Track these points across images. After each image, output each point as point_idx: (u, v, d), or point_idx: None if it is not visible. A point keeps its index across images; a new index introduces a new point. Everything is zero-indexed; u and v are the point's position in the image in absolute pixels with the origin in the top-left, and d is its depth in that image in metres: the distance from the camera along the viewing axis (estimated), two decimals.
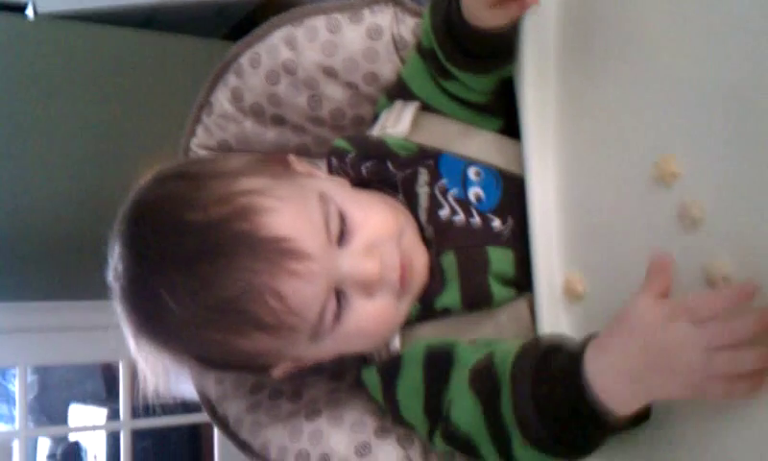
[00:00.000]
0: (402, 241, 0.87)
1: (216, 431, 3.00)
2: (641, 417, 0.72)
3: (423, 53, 0.92)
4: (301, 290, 0.79)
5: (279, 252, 0.78)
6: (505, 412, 0.75)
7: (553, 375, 0.73)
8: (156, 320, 0.83)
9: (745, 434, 0.67)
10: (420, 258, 0.88)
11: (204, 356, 0.86)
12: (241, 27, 3.10)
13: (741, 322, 0.64)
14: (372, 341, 0.89)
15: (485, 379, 0.78)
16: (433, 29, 0.88)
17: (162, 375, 0.87)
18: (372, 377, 0.91)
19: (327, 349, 0.87)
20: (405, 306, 0.88)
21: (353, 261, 0.83)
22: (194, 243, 0.79)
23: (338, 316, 0.83)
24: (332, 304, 0.83)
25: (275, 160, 0.91)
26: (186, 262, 0.79)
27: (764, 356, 0.64)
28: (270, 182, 0.84)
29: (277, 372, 0.91)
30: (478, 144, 0.93)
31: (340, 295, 0.84)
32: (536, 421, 0.72)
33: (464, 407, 0.80)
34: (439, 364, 0.85)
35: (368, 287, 0.84)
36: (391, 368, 0.89)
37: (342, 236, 0.84)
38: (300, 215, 0.82)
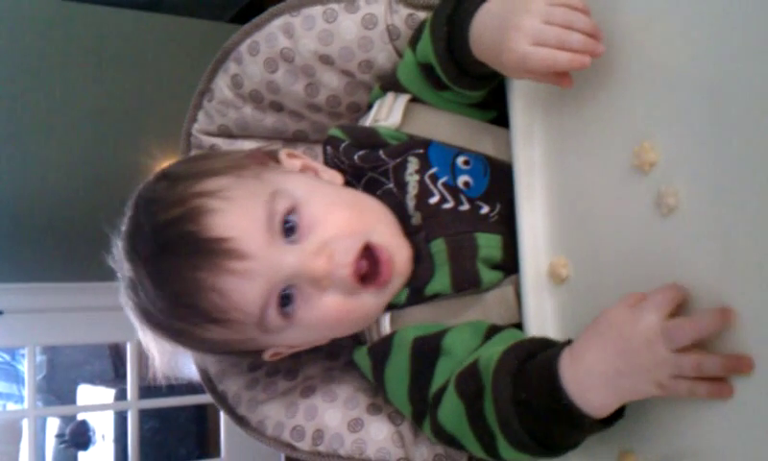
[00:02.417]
0: (374, 237, 0.89)
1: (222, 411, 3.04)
2: (616, 415, 0.75)
3: (421, 65, 0.93)
4: (240, 288, 0.84)
5: (220, 252, 0.84)
6: (488, 415, 0.79)
7: (531, 382, 0.76)
8: (142, 310, 0.90)
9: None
10: (401, 253, 0.91)
11: (185, 343, 0.93)
12: (248, 10, 3.12)
13: (705, 318, 0.68)
14: (338, 331, 0.94)
15: (470, 383, 0.81)
16: (435, 54, 0.89)
17: (164, 355, 0.94)
18: (363, 358, 0.95)
19: (295, 338, 0.92)
20: (382, 300, 0.91)
21: (300, 257, 0.86)
22: (156, 241, 0.86)
23: (291, 310, 0.87)
24: (274, 301, 0.86)
25: (259, 157, 0.95)
26: (149, 259, 0.86)
27: (728, 364, 0.67)
28: (230, 182, 0.88)
29: (267, 355, 0.96)
30: (468, 133, 0.96)
31: (293, 289, 0.87)
32: (517, 425, 0.75)
33: (449, 409, 0.83)
34: (425, 355, 0.88)
35: (317, 283, 0.86)
36: (381, 351, 0.92)
37: (296, 233, 0.87)
38: (244, 215, 0.86)
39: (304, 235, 0.87)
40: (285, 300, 0.87)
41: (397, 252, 0.90)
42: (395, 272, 0.89)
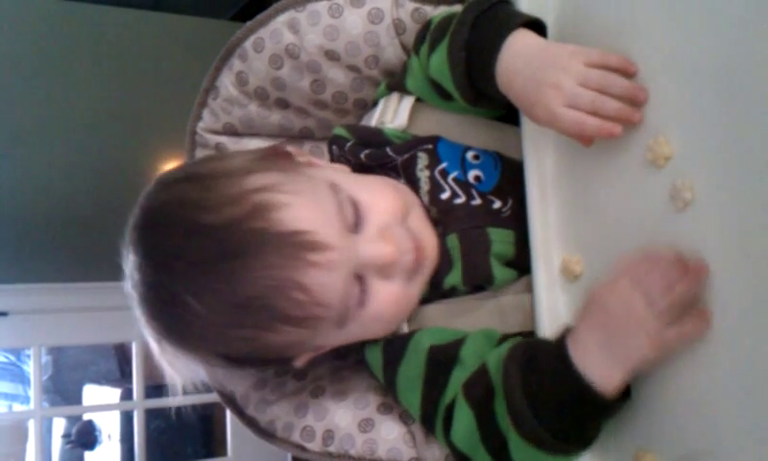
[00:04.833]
0: (410, 221, 0.89)
1: (228, 411, 3.04)
2: (623, 398, 0.74)
3: (432, 80, 0.91)
4: (324, 280, 0.81)
5: (299, 245, 0.79)
6: (499, 415, 0.77)
7: (540, 367, 0.75)
8: (181, 324, 0.83)
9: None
10: (430, 239, 0.90)
11: (230, 355, 0.86)
12: (250, 8, 3.11)
13: (666, 262, 0.70)
14: (390, 324, 0.91)
15: (479, 387, 0.81)
16: (454, 80, 0.86)
17: (187, 373, 0.89)
18: (375, 356, 0.93)
19: (351, 334, 0.89)
20: (417, 288, 0.90)
21: (370, 246, 0.85)
22: (213, 245, 0.79)
23: (361, 301, 0.85)
24: (355, 290, 0.85)
25: (277, 154, 0.91)
26: (208, 264, 0.79)
27: (694, 274, 0.69)
28: (279, 177, 0.83)
29: (300, 362, 0.92)
30: (476, 133, 0.95)
31: (360, 280, 0.85)
32: (530, 416, 0.74)
33: (460, 423, 0.82)
34: (440, 364, 0.87)
35: (385, 270, 0.86)
36: (395, 350, 0.91)
37: (356, 222, 0.86)
38: (315, 207, 0.83)
39: (362, 224, 0.86)
40: (361, 288, 0.85)
41: (430, 238, 0.90)
42: (427, 258, 0.89)
